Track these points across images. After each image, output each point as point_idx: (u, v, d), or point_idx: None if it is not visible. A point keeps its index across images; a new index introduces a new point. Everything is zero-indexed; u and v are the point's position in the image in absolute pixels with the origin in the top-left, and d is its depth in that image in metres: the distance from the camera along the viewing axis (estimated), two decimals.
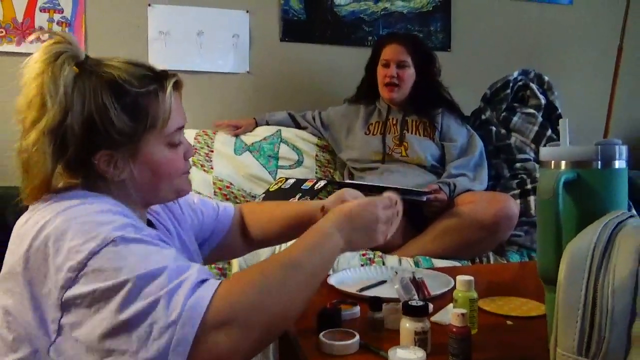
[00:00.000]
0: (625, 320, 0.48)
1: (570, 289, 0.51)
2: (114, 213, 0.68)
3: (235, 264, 1.56)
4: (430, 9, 2.69)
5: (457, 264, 1.71)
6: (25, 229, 0.67)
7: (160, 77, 0.76)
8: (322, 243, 0.75)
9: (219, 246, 1.08)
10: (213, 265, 1.54)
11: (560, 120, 0.78)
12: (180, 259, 0.66)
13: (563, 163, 0.73)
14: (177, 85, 0.79)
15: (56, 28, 2.21)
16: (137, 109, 0.73)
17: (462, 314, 0.74)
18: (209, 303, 0.59)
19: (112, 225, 0.65)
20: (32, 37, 0.75)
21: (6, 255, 0.70)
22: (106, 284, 0.60)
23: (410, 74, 2.06)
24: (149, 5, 2.33)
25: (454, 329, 0.73)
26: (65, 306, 0.62)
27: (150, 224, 0.86)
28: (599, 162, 0.70)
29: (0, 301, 0.69)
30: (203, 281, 0.62)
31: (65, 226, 0.64)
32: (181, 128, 0.80)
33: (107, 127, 0.71)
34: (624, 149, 0.72)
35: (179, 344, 0.58)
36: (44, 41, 0.72)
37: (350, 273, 1.21)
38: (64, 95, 0.69)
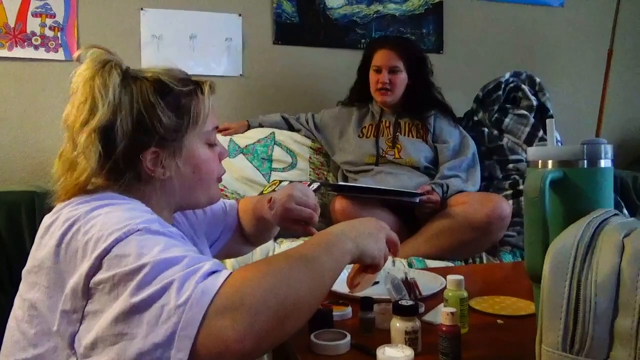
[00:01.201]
0: (608, 315, 0.49)
1: (554, 286, 0.51)
2: (142, 211, 0.71)
3: (229, 267, 1.57)
4: (423, 11, 2.70)
5: (450, 264, 1.71)
6: (55, 225, 0.69)
7: (196, 81, 0.83)
8: (332, 243, 0.74)
9: (227, 244, 1.10)
10: None
11: (547, 121, 0.78)
12: (200, 254, 0.68)
13: (550, 162, 0.73)
14: (212, 89, 0.84)
15: (49, 33, 2.21)
16: (181, 106, 0.79)
17: (452, 313, 0.74)
18: (219, 288, 0.60)
19: (140, 219, 0.67)
20: (78, 52, 0.80)
21: (32, 250, 0.71)
22: (126, 268, 0.61)
23: (402, 78, 2.08)
24: (141, 9, 2.33)
25: (444, 328, 0.74)
26: (90, 293, 0.63)
27: None
28: (585, 161, 0.71)
29: (25, 294, 0.69)
30: (216, 271, 0.63)
31: (94, 221, 0.67)
32: (216, 128, 0.86)
33: (155, 123, 0.76)
34: (609, 148, 0.72)
35: (186, 326, 0.57)
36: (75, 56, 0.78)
37: (342, 274, 1.21)
38: (113, 95, 0.74)
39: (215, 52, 2.43)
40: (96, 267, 0.63)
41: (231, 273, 0.63)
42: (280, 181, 2.06)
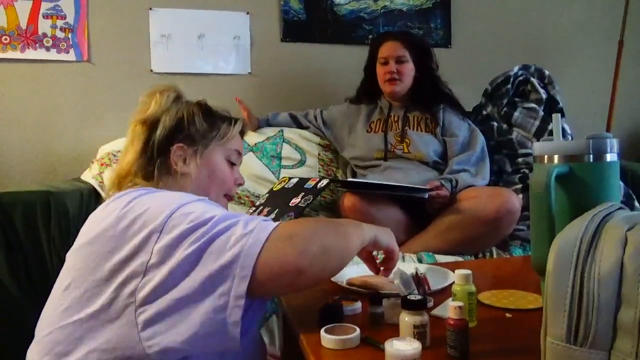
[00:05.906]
0: (611, 307, 0.50)
1: (558, 279, 0.52)
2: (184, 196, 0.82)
3: None
4: (430, 5, 2.70)
5: (460, 259, 1.72)
6: (107, 211, 0.78)
7: (236, 118, 1.05)
8: (355, 224, 0.88)
9: None
10: None
11: (553, 115, 0.79)
12: None
13: (556, 157, 0.74)
14: (245, 126, 1.07)
15: (59, 34, 2.24)
16: (214, 124, 1.00)
17: (459, 307, 0.75)
18: (276, 226, 0.75)
19: (190, 197, 0.81)
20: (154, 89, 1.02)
21: (84, 232, 0.80)
22: (192, 224, 0.72)
23: (409, 68, 2.08)
24: (150, 9, 2.36)
25: (451, 322, 0.75)
26: (154, 251, 0.71)
27: None
28: (591, 155, 0.72)
29: (76, 265, 0.76)
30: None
31: (153, 196, 0.80)
32: (240, 154, 1.05)
33: (190, 125, 0.96)
34: (615, 142, 0.73)
35: (252, 246, 0.70)
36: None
37: (352, 269, 1.23)
38: (165, 103, 0.96)
39: (223, 51, 2.44)
40: (162, 225, 0.72)
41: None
42: (290, 178, 2.08)
